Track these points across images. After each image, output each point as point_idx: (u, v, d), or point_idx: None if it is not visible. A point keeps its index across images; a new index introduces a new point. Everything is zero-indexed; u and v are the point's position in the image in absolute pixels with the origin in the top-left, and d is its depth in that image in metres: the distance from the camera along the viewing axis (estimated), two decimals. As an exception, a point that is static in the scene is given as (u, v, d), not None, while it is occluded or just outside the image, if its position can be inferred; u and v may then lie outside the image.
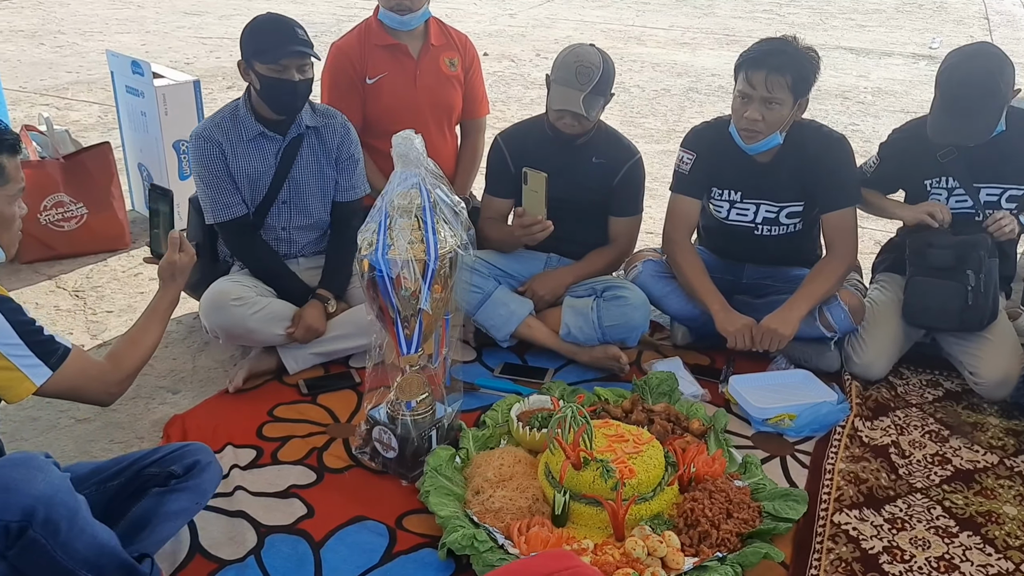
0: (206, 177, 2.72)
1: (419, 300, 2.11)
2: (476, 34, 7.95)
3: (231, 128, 2.71)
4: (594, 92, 2.71)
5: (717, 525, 2.07)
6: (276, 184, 2.75)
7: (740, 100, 2.69)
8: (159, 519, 1.84)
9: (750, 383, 2.70)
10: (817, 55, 2.68)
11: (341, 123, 2.82)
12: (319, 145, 2.78)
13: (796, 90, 2.64)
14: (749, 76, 2.63)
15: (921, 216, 2.78)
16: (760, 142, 2.71)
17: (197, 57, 7.04)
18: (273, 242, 2.83)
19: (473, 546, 1.96)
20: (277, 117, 2.70)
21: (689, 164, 2.86)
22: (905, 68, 7.49)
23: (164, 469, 1.88)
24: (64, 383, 1.75)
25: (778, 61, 2.60)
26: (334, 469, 2.34)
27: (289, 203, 2.79)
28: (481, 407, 2.60)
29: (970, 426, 2.63)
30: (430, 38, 3.19)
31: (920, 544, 2.14)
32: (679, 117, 5.90)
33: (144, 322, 2.01)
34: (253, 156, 2.72)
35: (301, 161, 2.76)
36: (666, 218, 2.94)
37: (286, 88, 2.62)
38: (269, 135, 2.72)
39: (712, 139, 2.85)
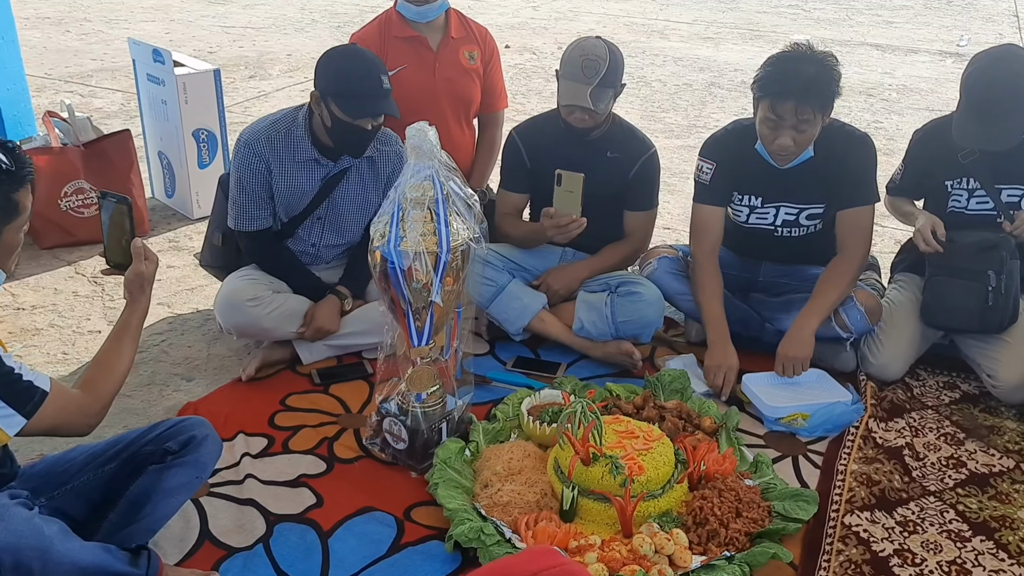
0: (243, 185, 2.66)
1: (431, 292, 2.11)
2: (498, 26, 7.93)
3: (282, 145, 2.65)
4: (602, 84, 2.69)
5: (726, 524, 2.06)
6: (315, 203, 2.72)
7: (768, 127, 2.61)
8: (159, 496, 1.85)
9: (763, 382, 2.68)
10: (836, 60, 2.60)
11: (395, 151, 2.74)
12: (369, 172, 2.74)
13: (824, 107, 2.59)
14: (776, 107, 2.55)
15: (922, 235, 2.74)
16: (793, 162, 2.69)
17: (221, 46, 7.08)
18: (299, 253, 2.80)
19: (480, 539, 1.97)
20: (337, 150, 2.66)
21: (709, 174, 2.82)
22: (932, 66, 7.39)
23: (160, 447, 1.87)
24: (41, 425, 1.70)
25: (803, 86, 2.51)
26: (344, 459, 2.35)
27: (324, 220, 2.76)
28: (492, 400, 2.60)
29: (987, 429, 2.59)
30: (450, 31, 3.18)
31: (932, 548, 2.12)
32: (700, 112, 5.86)
33: (114, 344, 1.86)
34: (299, 177, 2.68)
35: (347, 185, 2.72)
36: (691, 230, 2.90)
37: (357, 136, 2.58)
38: (322, 162, 2.68)
39: (732, 147, 2.80)
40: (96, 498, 1.84)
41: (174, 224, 3.82)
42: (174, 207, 3.96)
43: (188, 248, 3.59)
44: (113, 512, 1.83)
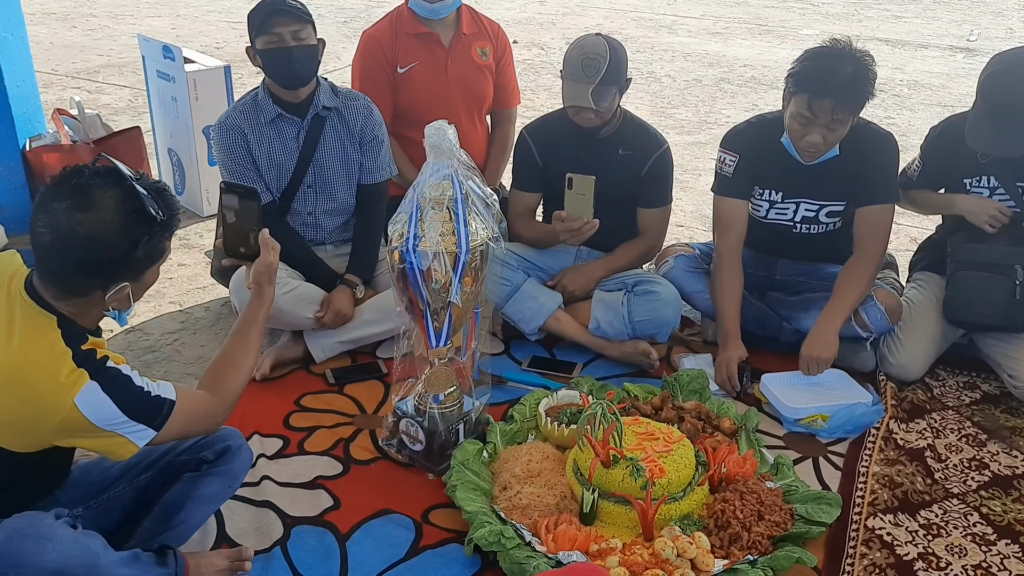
0: (229, 165, 2.72)
1: (449, 293, 2.08)
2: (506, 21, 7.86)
3: (251, 113, 2.72)
4: (604, 82, 2.65)
5: (748, 527, 2.04)
6: (300, 168, 2.75)
7: (799, 122, 2.57)
8: (193, 503, 1.85)
9: (782, 382, 2.65)
10: (872, 60, 2.56)
11: (364, 104, 2.81)
12: (342, 127, 2.77)
13: (858, 108, 2.56)
14: (812, 104, 2.51)
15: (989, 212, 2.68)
16: (819, 159, 2.66)
17: (227, 42, 7.05)
18: (300, 228, 2.83)
19: (500, 543, 1.94)
20: (291, 95, 2.69)
21: (732, 165, 2.79)
22: (942, 61, 7.35)
23: (196, 455, 1.88)
24: (171, 435, 1.71)
25: (841, 86, 2.47)
26: (361, 461, 2.33)
27: (315, 187, 2.79)
28: (509, 401, 2.57)
29: (1008, 430, 2.57)
30: (462, 27, 3.15)
31: (956, 551, 2.09)
32: (711, 108, 5.83)
33: (240, 340, 1.88)
34: (274, 140, 2.73)
35: (324, 144, 2.76)
36: (714, 224, 2.87)
37: (283, 56, 2.61)
38: (287, 117, 2.72)
39: (755, 139, 2.76)
40: (130, 507, 1.84)
41: (184, 222, 3.77)
42: (184, 204, 3.93)
43: (199, 246, 3.57)
44: (147, 519, 1.83)
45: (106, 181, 1.61)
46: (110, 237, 1.58)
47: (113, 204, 1.59)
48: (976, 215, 2.69)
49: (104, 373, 1.60)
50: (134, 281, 1.67)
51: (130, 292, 1.66)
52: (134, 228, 1.60)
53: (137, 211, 1.60)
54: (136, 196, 1.60)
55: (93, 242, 1.57)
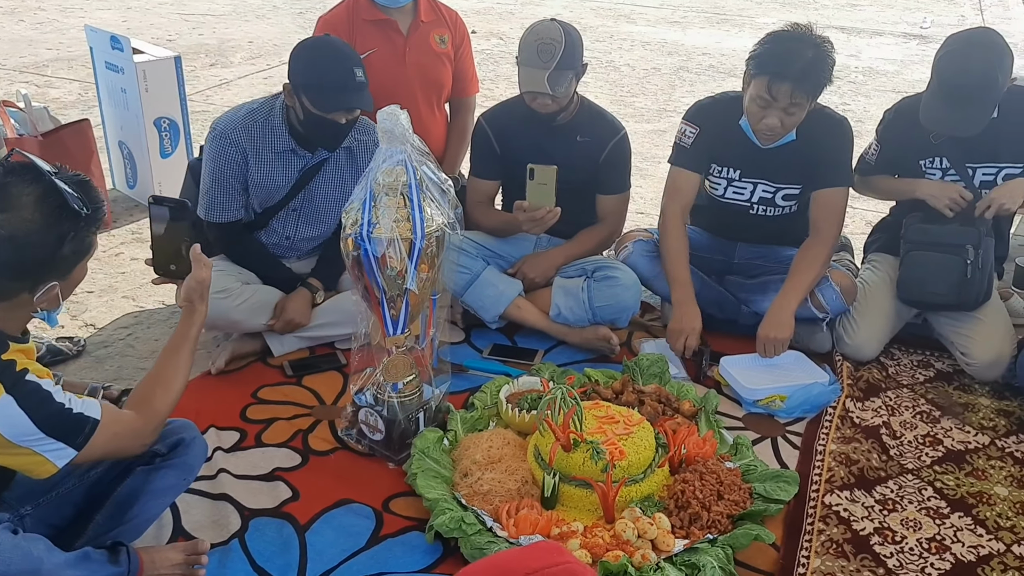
0: (217, 176, 2.61)
1: (405, 280, 2.06)
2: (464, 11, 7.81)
3: (260, 135, 2.59)
4: (559, 67, 2.64)
5: (708, 507, 2.05)
6: (291, 194, 2.67)
7: (758, 105, 2.59)
8: (147, 497, 1.81)
9: (741, 364, 2.68)
10: (832, 46, 2.58)
11: (374, 141, 2.65)
12: (347, 162, 2.69)
13: (816, 93, 2.58)
14: (772, 87, 2.53)
15: (950, 196, 2.70)
16: (776, 143, 2.68)
17: (180, 34, 6.93)
18: (272, 245, 2.75)
19: (461, 529, 1.94)
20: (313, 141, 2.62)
21: (692, 138, 2.79)
22: (896, 48, 7.45)
23: (148, 449, 1.83)
24: (94, 454, 1.65)
25: (801, 70, 2.49)
26: (319, 452, 2.31)
27: (300, 211, 2.71)
28: (470, 389, 2.56)
29: (961, 407, 2.61)
30: (420, 14, 3.12)
31: (911, 525, 2.12)
32: (669, 96, 5.85)
33: (172, 358, 1.81)
34: (276, 168, 2.63)
35: (324, 176, 2.68)
36: (664, 192, 2.89)
37: (331, 129, 2.53)
38: (300, 153, 2.63)
39: (717, 115, 2.77)
40: (81, 502, 1.79)
41: (137, 215, 3.72)
42: (136, 198, 3.87)
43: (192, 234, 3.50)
44: (99, 514, 1.78)
45: (23, 178, 1.55)
46: (33, 236, 1.53)
47: (32, 201, 1.54)
48: (937, 199, 2.73)
49: (21, 387, 1.54)
50: (62, 280, 1.62)
51: (59, 291, 1.61)
52: (58, 225, 1.55)
53: (59, 207, 1.55)
54: (57, 191, 1.55)
55: (15, 243, 1.51)
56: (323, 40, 2.58)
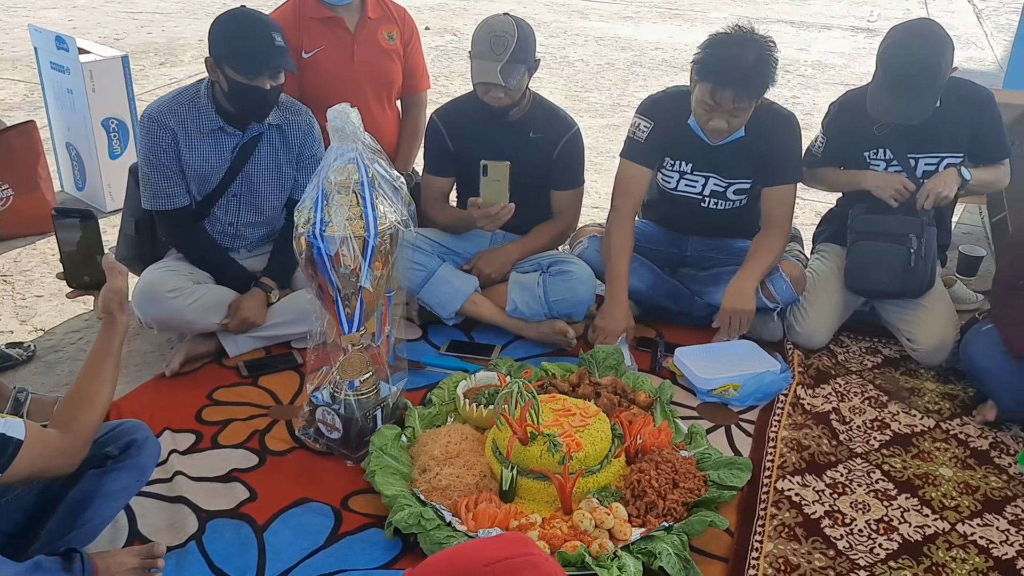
0: (152, 162, 2.59)
1: (359, 278, 2.07)
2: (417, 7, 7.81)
3: (188, 116, 2.58)
4: (512, 60, 2.65)
5: (663, 495, 2.08)
6: (228, 178, 2.65)
7: (703, 108, 2.63)
8: (100, 500, 1.79)
9: (695, 355, 2.72)
10: (774, 46, 2.61)
11: (306, 120, 2.71)
12: (280, 143, 2.68)
13: (760, 95, 2.63)
14: (715, 94, 2.56)
15: (894, 187, 2.76)
16: (725, 140, 2.72)
17: (127, 33, 6.82)
18: (218, 235, 2.73)
19: (420, 524, 1.95)
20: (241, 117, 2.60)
21: (646, 132, 2.81)
22: (844, 41, 7.58)
23: (99, 452, 1.81)
24: (18, 474, 1.60)
25: (743, 76, 2.52)
26: (277, 452, 2.30)
27: (240, 197, 2.69)
28: (427, 385, 2.57)
29: (908, 391, 2.68)
30: (367, 11, 3.11)
31: (860, 507, 2.18)
32: (623, 91, 5.89)
33: (95, 372, 1.74)
34: (208, 149, 2.61)
35: (259, 158, 2.66)
36: (615, 185, 2.91)
37: (256, 96, 2.51)
38: (229, 131, 2.61)
39: (669, 110, 2.80)
40: (32, 508, 1.76)
41: (87, 218, 3.66)
42: (86, 200, 3.80)
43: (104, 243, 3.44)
44: (52, 519, 1.75)
45: None
46: None
47: None
48: (883, 190, 2.79)
49: None
50: None
51: None
52: None
53: None
54: None
55: None
56: (239, 10, 2.58)
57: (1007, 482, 2.29)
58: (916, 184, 2.77)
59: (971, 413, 2.56)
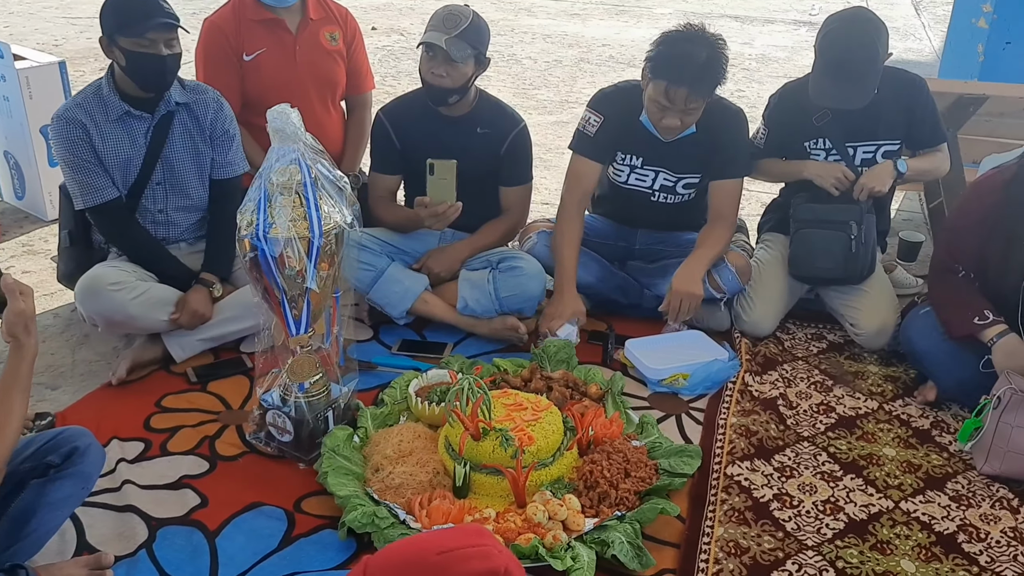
0: (71, 160, 2.58)
1: (305, 279, 2.06)
2: (363, 8, 7.78)
3: (95, 108, 2.58)
4: (461, 37, 2.66)
5: (616, 485, 2.11)
6: (148, 165, 2.64)
7: (657, 107, 2.66)
8: (44, 509, 1.76)
9: (645, 346, 2.75)
10: (724, 43, 2.66)
11: (213, 98, 2.71)
12: (191, 122, 2.68)
13: (712, 93, 2.67)
14: (669, 92, 2.60)
15: (834, 176, 2.81)
16: (676, 136, 2.76)
17: (67, 38, 6.68)
18: (151, 226, 2.71)
19: (374, 523, 1.95)
20: (144, 95, 2.59)
21: (596, 127, 2.84)
22: (787, 34, 7.71)
23: (40, 461, 1.78)
24: None
25: (696, 74, 2.57)
26: (227, 457, 2.28)
27: (164, 184, 2.68)
28: (379, 385, 2.57)
29: (852, 375, 2.74)
30: (308, 12, 3.09)
31: (807, 489, 2.23)
32: (571, 88, 5.93)
33: (2, 400, 1.63)
34: (121, 137, 2.60)
35: (173, 140, 2.65)
36: (566, 179, 2.93)
37: (154, 64, 2.50)
38: (136, 114, 2.60)
39: (621, 106, 2.83)
40: None
41: (27, 227, 3.60)
42: (26, 209, 3.73)
43: (44, 251, 3.38)
44: None
45: None
46: None
47: None
48: (823, 179, 2.85)
49: None
50: None
51: None
52: None
53: None
54: None
55: None
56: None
57: (948, 459, 2.36)
58: (855, 172, 2.84)
59: (912, 394, 2.63)
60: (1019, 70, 4.60)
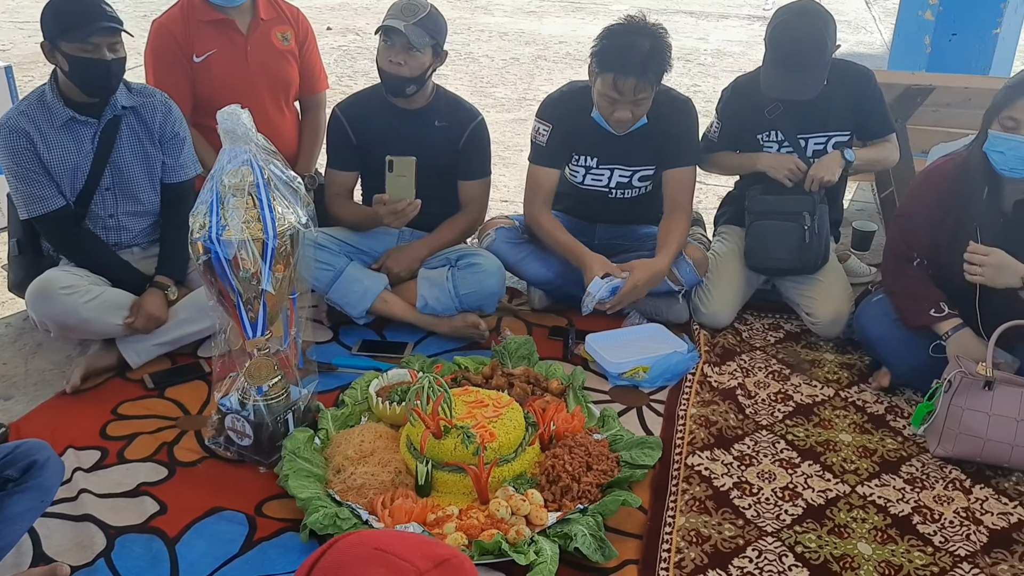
0: (15, 170, 2.52)
1: (260, 281, 2.04)
2: (318, 8, 7.73)
3: (39, 115, 2.52)
4: (419, 25, 2.66)
5: (578, 478, 2.12)
6: (96, 171, 2.59)
7: (607, 101, 2.68)
8: (1, 524, 1.73)
9: (605, 340, 2.77)
10: (666, 31, 2.69)
11: (161, 101, 2.68)
12: (139, 126, 2.64)
13: (659, 80, 2.69)
14: (618, 84, 2.62)
15: (787, 167, 2.86)
16: (629, 129, 2.78)
17: (14, 43, 6.55)
18: (102, 232, 2.67)
19: (336, 525, 1.94)
20: (89, 100, 2.54)
21: (546, 135, 2.87)
22: (741, 29, 7.80)
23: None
24: None
25: (641, 63, 2.59)
26: (186, 463, 2.25)
27: (114, 189, 2.64)
28: (340, 386, 2.56)
29: (808, 363, 2.78)
30: (259, 12, 3.05)
31: (767, 477, 2.26)
32: (528, 85, 5.95)
33: None
34: (67, 144, 2.55)
35: (121, 144, 2.61)
36: (526, 189, 2.96)
37: (98, 68, 2.46)
38: (81, 120, 2.55)
39: (568, 110, 2.85)
40: None
41: (-24, 236, 3.52)
42: (-25, 217, 3.65)
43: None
44: None
45: None
46: None
47: None
48: (776, 170, 2.89)
49: None
50: None
51: None
52: None
53: None
54: None
55: None
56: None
57: (902, 443, 2.40)
58: (807, 163, 2.88)
59: (867, 380, 2.68)
60: (965, 61, 4.71)
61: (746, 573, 1.94)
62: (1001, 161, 2.31)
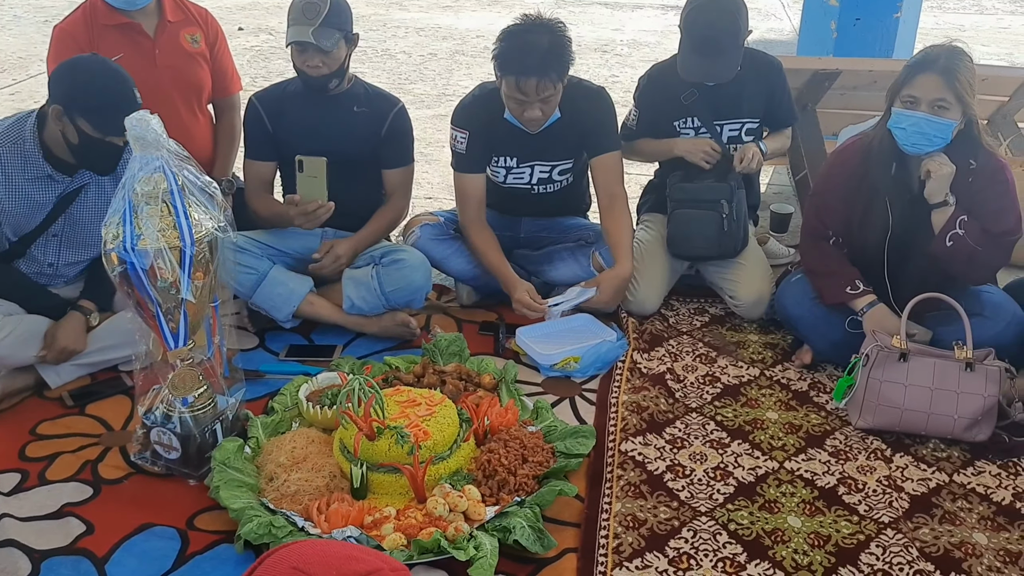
0: None
1: (179, 290, 1.99)
2: (228, 8, 7.56)
3: (11, 160, 2.37)
4: (325, 24, 2.63)
5: (514, 471, 2.13)
6: (50, 219, 2.47)
7: (515, 103, 2.69)
8: None
9: (535, 333, 2.78)
10: (564, 25, 2.71)
11: None
12: (109, 182, 2.49)
13: (563, 76, 2.70)
14: (521, 85, 2.63)
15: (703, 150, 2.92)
16: (542, 126, 2.79)
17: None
18: (34, 275, 2.54)
19: (271, 533, 1.91)
20: (74, 164, 2.42)
21: (464, 142, 2.86)
22: (656, 19, 7.92)
23: None
24: None
25: (540, 61, 2.60)
26: (112, 480, 2.19)
27: (61, 236, 2.52)
28: (269, 393, 2.51)
29: (734, 345, 2.85)
30: (165, 14, 2.97)
31: (698, 458, 2.30)
32: (448, 80, 5.93)
33: None
34: (31, 195, 2.42)
35: (85, 200, 2.50)
36: (456, 199, 2.96)
37: (109, 151, 2.37)
38: (57, 178, 2.44)
39: (481, 114, 2.85)
40: None
41: None
42: None
43: None
44: None
45: None
46: None
47: None
48: (693, 154, 2.95)
49: None
50: None
51: None
52: None
53: None
54: None
55: None
56: (96, 60, 2.41)
57: (825, 418, 2.48)
58: (723, 147, 2.95)
59: (791, 359, 2.75)
60: (869, 44, 4.87)
61: (682, 554, 1.98)
62: (903, 137, 2.41)
